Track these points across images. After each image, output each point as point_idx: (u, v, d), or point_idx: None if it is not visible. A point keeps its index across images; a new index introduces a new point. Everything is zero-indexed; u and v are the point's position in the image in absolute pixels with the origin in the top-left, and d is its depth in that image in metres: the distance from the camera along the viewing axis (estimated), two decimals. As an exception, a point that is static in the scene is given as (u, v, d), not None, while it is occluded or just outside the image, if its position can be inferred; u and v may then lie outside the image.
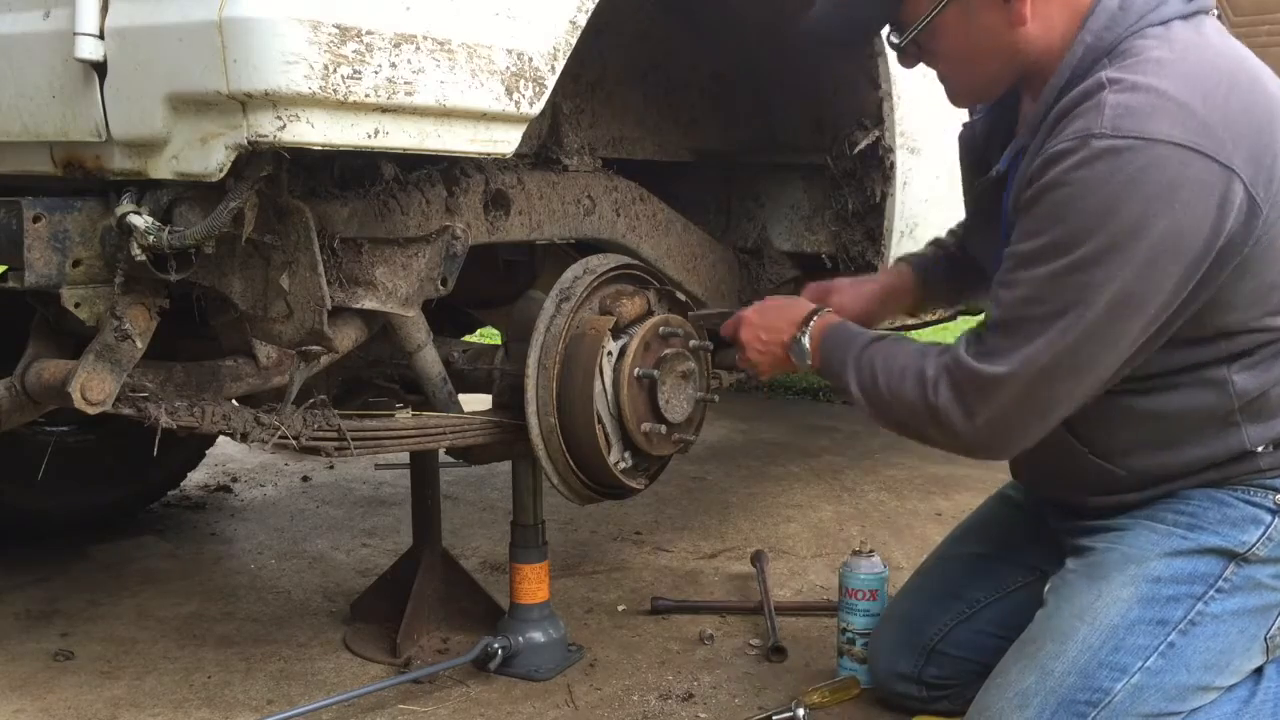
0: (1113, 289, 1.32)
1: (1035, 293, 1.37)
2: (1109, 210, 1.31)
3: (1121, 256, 1.31)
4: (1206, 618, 1.45)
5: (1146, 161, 1.30)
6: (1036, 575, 1.72)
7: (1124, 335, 1.36)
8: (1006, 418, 1.42)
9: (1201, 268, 1.34)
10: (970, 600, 1.78)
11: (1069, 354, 1.36)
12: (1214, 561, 1.47)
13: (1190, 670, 1.44)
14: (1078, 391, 1.40)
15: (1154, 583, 1.47)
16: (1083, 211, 1.32)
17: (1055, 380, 1.38)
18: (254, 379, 1.65)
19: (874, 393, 1.54)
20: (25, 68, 1.38)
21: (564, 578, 2.51)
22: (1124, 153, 1.30)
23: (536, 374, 1.78)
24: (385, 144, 1.29)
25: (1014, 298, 1.39)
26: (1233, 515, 1.48)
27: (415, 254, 1.69)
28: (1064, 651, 1.46)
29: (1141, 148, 1.30)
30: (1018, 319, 1.39)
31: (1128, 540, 1.52)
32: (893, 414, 1.53)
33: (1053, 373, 1.37)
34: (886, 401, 1.53)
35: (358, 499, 3.22)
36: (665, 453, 1.96)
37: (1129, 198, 1.30)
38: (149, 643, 2.19)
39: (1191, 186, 1.30)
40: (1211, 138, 1.31)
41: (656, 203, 2.15)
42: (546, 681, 1.98)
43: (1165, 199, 1.30)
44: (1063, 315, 1.35)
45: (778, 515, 3.03)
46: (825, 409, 4.55)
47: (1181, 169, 1.30)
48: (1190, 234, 1.32)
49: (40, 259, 1.39)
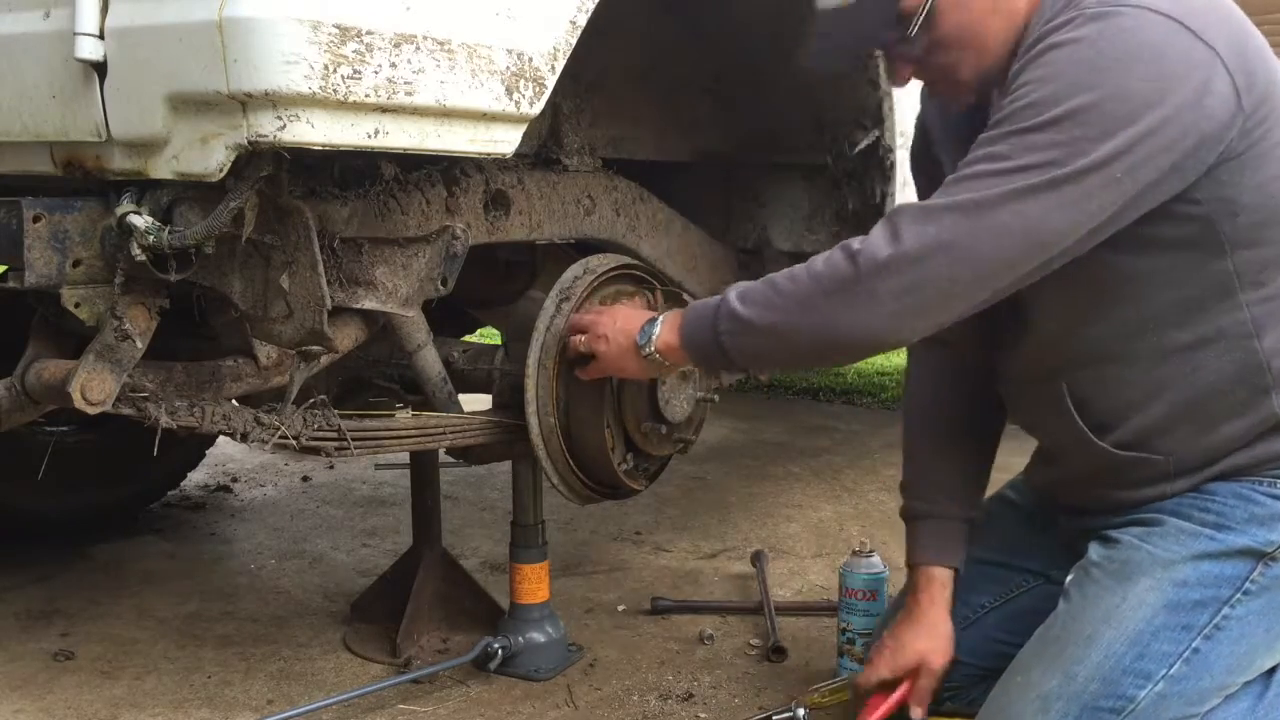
0: (1083, 150, 1.28)
1: (999, 149, 1.32)
2: (1091, 66, 1.29)
3: (1099, 117, 1.28)
4: (1232, 620, 1.43)
5: (1134, 24, 1.29)
6: (1041, 580, 1.72)
7: (1085, 198, 1.30)
8: (936, 248, 1.32)
9: (1178, 148, 1.30)
10: (975, 606, 1.76)
11: (1021, 204, 1.30)
12: (1241, 564, 1.44)
13: (1213, 674, 1.43)
14: (1023, 255, 1.32)
15: (1180, 587, 1.44)
16: (1064, 69, 1.30)
17: (1000, 230, 1.31)
18: (254, 379, 1.65)
19: (766, 295, 1.44)
20: (25, 68, 1.38)
21: (564, 578, 2.51)
22: (1111, 16, 1.30)
23: (536, 374, 1.78)
24: (385, 144, 1.29)
25: (973, 156, 1.34)
26: (1260, 514, 1.45)
27: (415, 254, 1.69)
28: (1088, 656, 1.44)
29: (1130, 13, 1.30)
30: (973, 174, 1.33)
31: (1155, 539, 1.48)
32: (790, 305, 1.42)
33: (1000, 218, 1.30)
34: (784, 292, 1.42)
35: (358, 499, 3.22)
36: (665, 453, 1.96)
37: (1112, 55, 1.28)
38: (149, 643, 2.19)
39: (1176, 56, 1.29)
40: (1197, 17, 1.30)
41: (656, 203, 2.15)
42: (546, 681, 1.98)
43: (1150, 63, 1.28)
44: (1024, 170, 1.30)
45: (778, 515, 3.03)
46: (825, 409, 4.55)
47: (1168, 37, 1.29)
48: (1171, 104, 1.28)
49: (40, 259, 1.39)
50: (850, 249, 1.39)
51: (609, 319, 1.70)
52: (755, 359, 1.55)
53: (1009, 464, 1.82)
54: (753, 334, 1.47)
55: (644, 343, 1.61)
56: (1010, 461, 1.81)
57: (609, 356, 1.68)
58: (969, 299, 1.37)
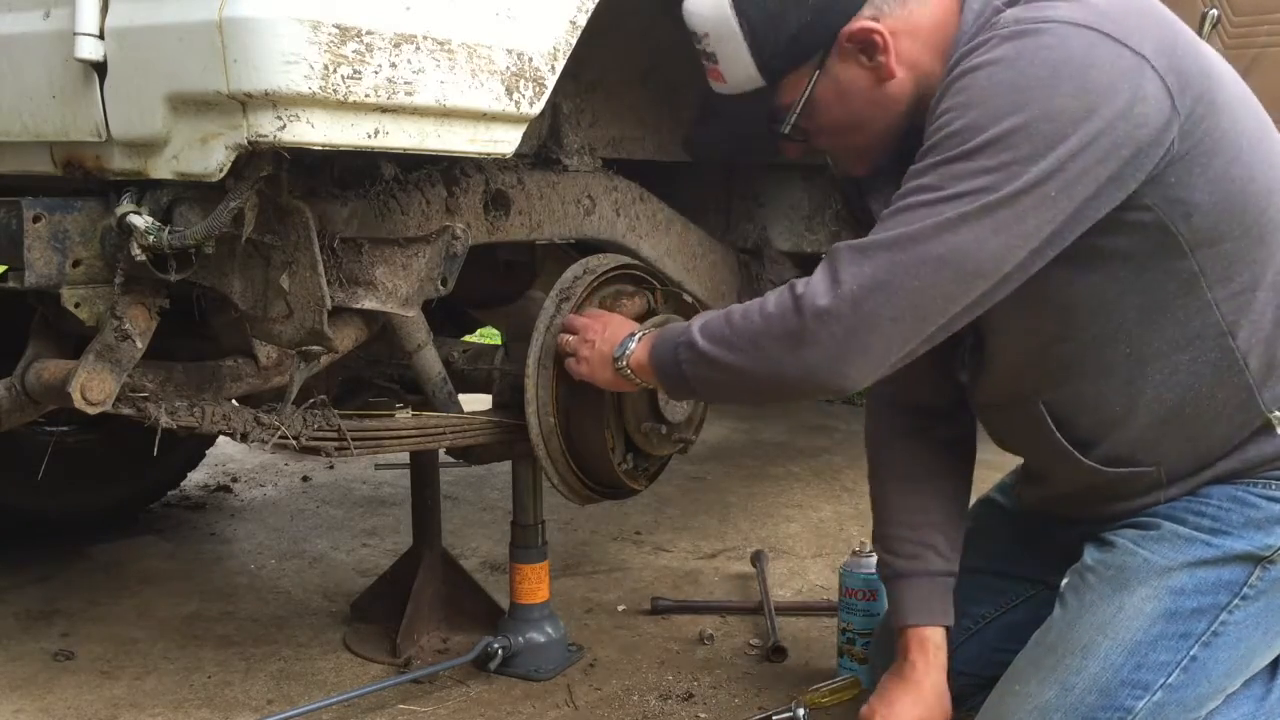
0: (1014, 174, 1.25)
1: (928, 180, 1.29)
2: (1014, 88, 1.25)
3: (1027, 139, 1.24)
4: (1230, 626, 1.43)
5: (1054, 40, 1.26)
6: (1039, 588, 1.71)
7: (1021, 220, 1.26)
8: (874, 288, 1.29)
9: (1113, 159, 1.26)
10: (975, 617, 1.75)
11: (953, 235, 1.26)
12: (1239, 569, 1.43)
13: (1212, 680, 1.43)
14: (962, 286, 1.29)
15: (1177, 595, 1.43)
16: (986, 94, 1.27)
17: (936, 262, 1.27)
18: (254, 379, 1.65)
19: (722, 330, 1.43)
20: (25, 68, 1.38)
21: (564, 578, 2.51)
22: (1029, 34, 1.27)
23: (536, 374, 1.78)
24: (385, 144, 1.29)
25: (903, 190, 1.32)
26: (1257, 517, 1.44)
27: (415, 254, 1.69)
28: (1085, 667, 1.43)
29: (1048, 29, 1.26)
30: (905, 206, 1.30)
31: (1150, 544, 1.47)
32: (742, 344, 1.40)
33: (933, 250, 1.27)
34: (738, 330, 1.41)
35: (358, 499, 3.22)
36: (665, 453, 1.96)
37: (1034, 75, 1.25)
38: (149, 643, 2.19)
39: (1101, 67, 1.25)
40: (1117, 25, 1.27)
41: (656, 203, 2.15)
42: (546, 681, 1.98)
43: (1074, 77, 1.25)
44: (956, 199, 1.27)
45: (778, 515, 3.03)
46: (825, 409, 4.55)
47: (1090, 49, 1.25)
48: (1101, 116, 1.24)
49: (40, 259, 1.39)
50: (795, 292, 1.37)
51: (599, 325, 1.70)
52: (713, 391, 1.54)
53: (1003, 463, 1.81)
54: (708, 368, 1.46)
55: (619, 356, 1.62)
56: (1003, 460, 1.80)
57: (589, 363, 1.69)
58: (916, 336, 1.33)
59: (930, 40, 1.43)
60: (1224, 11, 2.84)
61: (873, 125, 1.49)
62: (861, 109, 1.48)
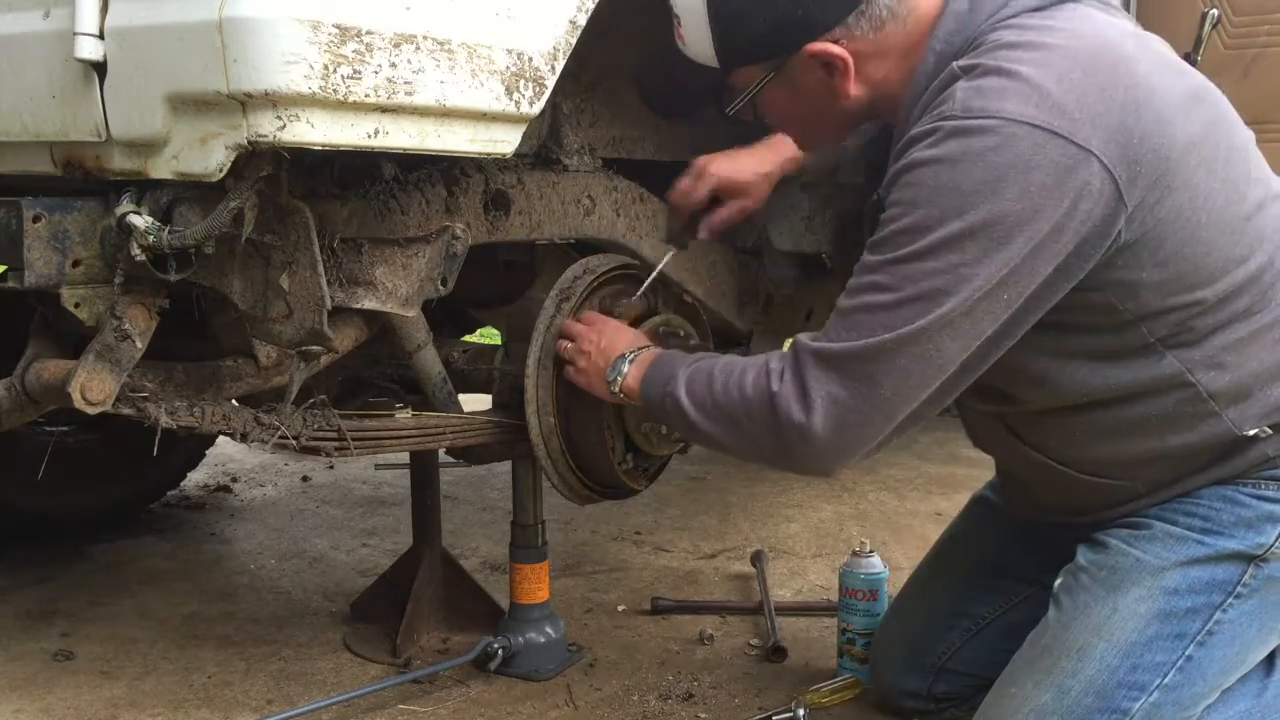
0: (963, 277, 1.28)
1: (881, 279, 1.33)
2: (959, 191, 1.27)
3: (974, 243, 1.27)
4: (1224, 625, 1.43)
5: (998, 141, 1.26)
6: (1037, 587, 1.71)
7: (975, 322, 1.30)
8: (845, 404, 1.35)
9: (1059, 255, 1.29)
10: (976, 617, 1.76)
11: (915, 346, 1.31)
12: (1231, 568, 1.43)
13: (1207, 679, 1.43)
14: (925, 383, 1.34)
15: (1171, 595, 1.43)
16: (932, 194, 1.28)
17: (901, 372, 1.32)
18: (254, 379, 1.65)
19: (705, 397, 1.48)
20: (25, 68, 1.38)
21: (564, 578, 2.51)
22: (975, 133, 1.27)
23: (536, 374, 1.78)
24: (385, 144, 1.29)
25: (858, 284, 1.36)
26: (1247, 516, 1.44)
27: (415, 254, 1.69)
28: (1081, 669, 1.43)
29: (993, 127, 1.26)
30: (862, 305, 1.34)
31: (1143, 543, 1.47)
32: (723, 419, 1.46)
33: (898, 361, 1.32)
34: (720, 403, 1.46)
35: (358, 499, 3.22)
36: (665, 453, 1.96)
37: (979, 178, 1.26)
38: (149, 643, 2.19)
39: (1045, 168, 1.25)
40: (1066, 118, 1.26)
41: (656, 203, 2.15)
42: (546, 681, 1.98)
43: (1018, 180, 1.25)
44: (910, 303, 1.30)
45: (778, 515, 3.03)
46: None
47: (1035, 149, 1.25)
48: (1045, 218, 1.26)
49: (40, 259, 1.39)
50: (770, 388, 1.40)
51: (596, 334, 1.70)
52: (696, 441, 1.59)
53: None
54: (690, 430, 1.52)
55: (612, 378, 1.64)
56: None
57: (585, 374, 1.70)
58: (885, 428, 1.39)
59: (900, 60, 1.43)
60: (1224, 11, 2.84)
61: (821, 123, 1.54)
62: (811, 113, 1.52)
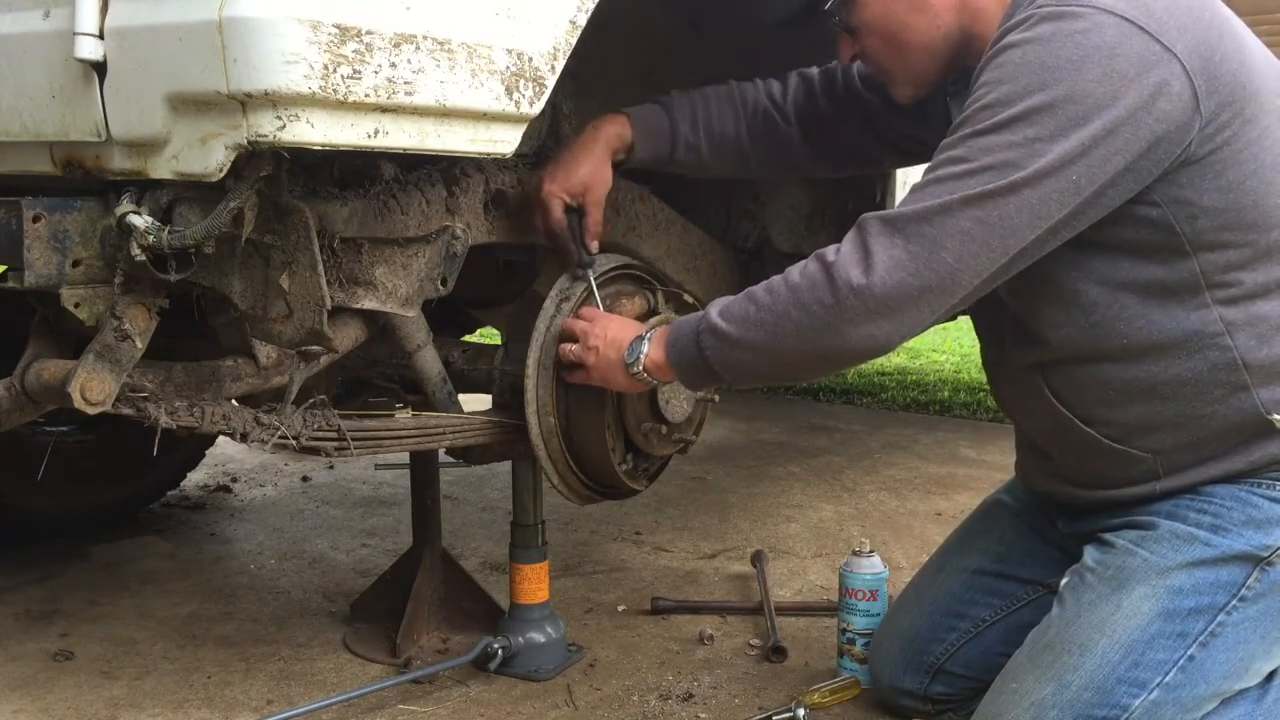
0: (1037, 152, 1.30)
1: (957, 152, 1.35)
2: (1044, 66, 1.30)
3: (1052, 118, 1.30)
4: (1228, 627, 1.43)
5: (1087, 26, 1.30)
6: (1040, 591, 1.71)
7: (1043, 201, 1.32)
8: (906, 262, 1.34)
9: (1131, 150, 1.31)
10: (975, 619, 1.76)
11: (980, 210, 1.32)
12: (1237, 569, 1.43)
13: (1209, 681, 1.43)
14: (986, 259, 1.34)
15: (1175, 594, 1.43)
16: (1017, 70, 1.32)
17: (963, 236, 1.33)
18: (254, 379, 1.65)
19: (745, 312, 1.46)
20: (25, 68, 1.38)
21: (564, 578, 2.51)
22: (1066, 17, 1.31)
23: (536, 374, 1.78)
24: (385, 144, 1.29)
25: (935, 161, 1.38)
26: (1257, 517, 1.44)
27: (415, 254, 1.69)
28: (1082, 665, 1.44)
29: (1084, 14, 1.31)
30: (934, 178, 1.36)
31: (1150, 543, 1.47)
32: (769, 321, 1.43)
33: (961, 224, 1.32)
34: (763, 306, 1.44)
35: (358, 499, 3.22)
36: (665, 453, 1.96)
37: (1065, 56, 1.30)
38: (149, 643, 2.19)
39: (1129, 57, 1.29)
40: (1154, 19, 1.30)
41: (656, 203, 2.15)
42: (546, 681, 1.98)
43: (1101, 63, 1.29)
44: (981, 172, 1.32)
45: (778, 515, 3.03)
46: (825, 409, 4.55)
47: (1121, 39, 1.29)
48: (1123, 104, 1.29)
49: (40, 259, 1.39)
50: (826, 264, 1.40)
51: (600, 329, 1.69)
52: (740, 373, 1.54)
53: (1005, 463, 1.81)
54: (736, 348, 1.48)
55: (632, 361, 1.63)
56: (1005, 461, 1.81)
57: (597, 369, 1.68)
58: (942, 305, 1.38)
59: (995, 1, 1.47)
60: (1224, 11, 2.83)
61: (912, 35, 1.53)
62: (903, 12, 1.52)
